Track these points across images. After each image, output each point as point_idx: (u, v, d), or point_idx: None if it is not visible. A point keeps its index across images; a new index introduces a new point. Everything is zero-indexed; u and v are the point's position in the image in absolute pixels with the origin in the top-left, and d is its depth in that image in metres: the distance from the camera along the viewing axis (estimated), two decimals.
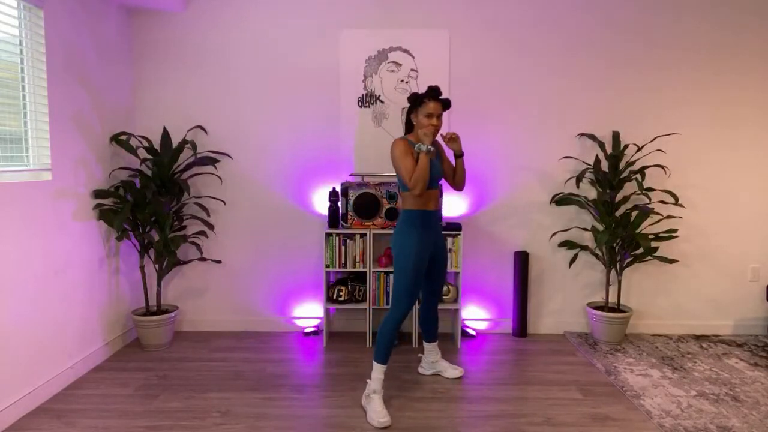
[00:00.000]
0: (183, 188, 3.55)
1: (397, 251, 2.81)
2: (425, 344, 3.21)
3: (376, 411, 2.62)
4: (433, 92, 2.81)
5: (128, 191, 3.48)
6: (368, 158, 3.86)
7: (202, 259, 3.66)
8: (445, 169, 3.00)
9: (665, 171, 3.78)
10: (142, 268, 3.58)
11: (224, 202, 3.90)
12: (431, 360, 3.21)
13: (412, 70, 3.80)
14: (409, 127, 2.94)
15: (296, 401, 2.85)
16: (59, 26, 3.01)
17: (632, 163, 3.61)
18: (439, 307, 3.62)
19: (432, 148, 2.71)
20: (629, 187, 3.82)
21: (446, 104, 2.85)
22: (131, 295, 3.80)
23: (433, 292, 3.10)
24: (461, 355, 3.53)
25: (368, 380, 2.77)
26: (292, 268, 3.97)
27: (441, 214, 2.93)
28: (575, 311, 4.00)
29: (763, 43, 3.78)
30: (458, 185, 3.02)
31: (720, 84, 3.81)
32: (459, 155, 2.94)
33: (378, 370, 2.73)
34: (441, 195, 3.66)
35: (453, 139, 2.90)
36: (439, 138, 3.30)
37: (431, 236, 2.88)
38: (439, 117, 2.81)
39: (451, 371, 3.18)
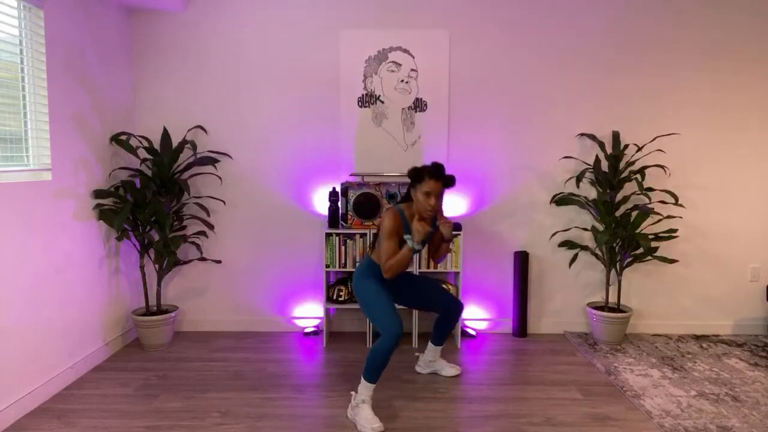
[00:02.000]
0: (183, 188, 3.55)
1: (359, 294, 2.79)
2: (430, 344, 3.18)
3: (367, 418, 2.52)
4: (435, 171, 2.65)
5: (128, 191, 3.48)
6: (368, 158, 3.86)
7: (202, 259, 3.66)
8: (433, 239, 2.96)
9: (665, 171, 3.78)
10: (142, 268, 3.58)
11: (224, 202, 3.90)
12: (429, 359, 3.19)
13: (412, 70, 3.80)
14: (408, 196, 2.81)
15: (296, 401, 2.85)
16: (59, 26, 3.01)
17: (632, 163, 3.61)
18: None
19: (420, 248, 2.69)
20: (629, 187, 3.82)
21: (448, 183, 2.70)
22: (131, 295, 3.80)
23: (439, 303, 3.00)
24: (461, 355, 3.53)
25: (353, 393, 2.69)
26: (292, 268, 3.97)
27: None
28: (575, 311, 4.00)
29: (763, 44, 3.78)
30: (434, 259, 3.04)
31: (720, 85, 3.81)
32: (445, 240, 2.86)
33: (366, 388, 2.60)
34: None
35: (444, 225, 2.78)
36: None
37: (389, 283, 2.91)
38: (438, 196, 2.67)
39: (449, 369, 3.16)
